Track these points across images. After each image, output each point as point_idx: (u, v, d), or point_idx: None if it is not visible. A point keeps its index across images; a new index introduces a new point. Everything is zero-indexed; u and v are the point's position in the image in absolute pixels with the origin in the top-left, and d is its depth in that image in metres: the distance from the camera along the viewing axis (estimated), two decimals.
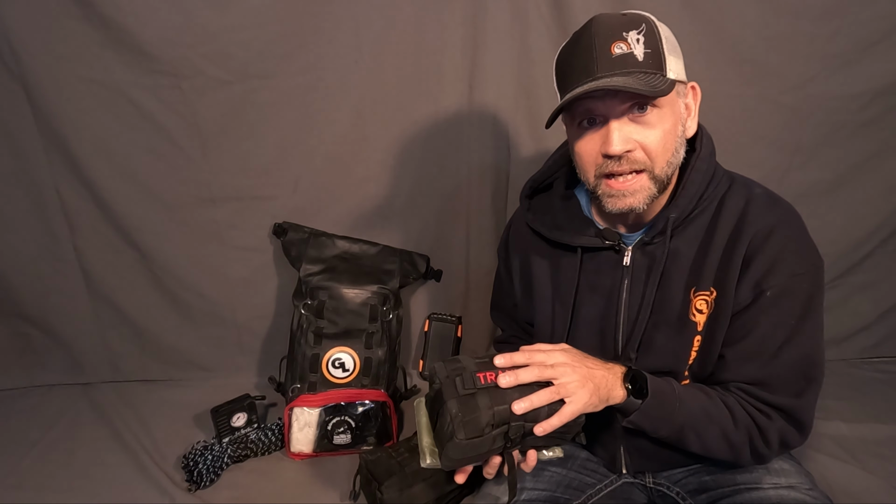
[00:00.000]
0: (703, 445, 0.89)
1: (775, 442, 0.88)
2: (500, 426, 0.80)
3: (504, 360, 0.81)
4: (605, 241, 0.94)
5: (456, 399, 0.80)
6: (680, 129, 0.86)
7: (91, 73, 1.37)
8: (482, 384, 0.81)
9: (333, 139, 1.48)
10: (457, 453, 0.81)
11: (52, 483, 1.30)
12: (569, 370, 0.80)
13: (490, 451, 0.82)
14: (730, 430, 0.87)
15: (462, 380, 0.81)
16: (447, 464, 0.83)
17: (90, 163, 1.45)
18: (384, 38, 1.39)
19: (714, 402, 0.88)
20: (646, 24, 0.81)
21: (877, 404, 1.49)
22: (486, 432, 0.79)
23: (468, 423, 0.79)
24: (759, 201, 0.89)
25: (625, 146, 0.81)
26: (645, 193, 0.85)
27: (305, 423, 1.35)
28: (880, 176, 1.53)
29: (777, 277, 0.85)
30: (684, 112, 0.87)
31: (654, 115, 0.82)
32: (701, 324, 0.89)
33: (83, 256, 1.55)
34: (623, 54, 0.79)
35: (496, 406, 0.80)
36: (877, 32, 1.38)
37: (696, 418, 0.87)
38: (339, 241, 1.53)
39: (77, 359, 1.66)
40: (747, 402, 0.88)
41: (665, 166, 0.84)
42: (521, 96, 1.45)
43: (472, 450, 0.80)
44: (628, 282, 0.94)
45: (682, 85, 0.85)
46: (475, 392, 0.80)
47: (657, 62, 0.80)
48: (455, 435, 0.79)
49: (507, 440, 0.82)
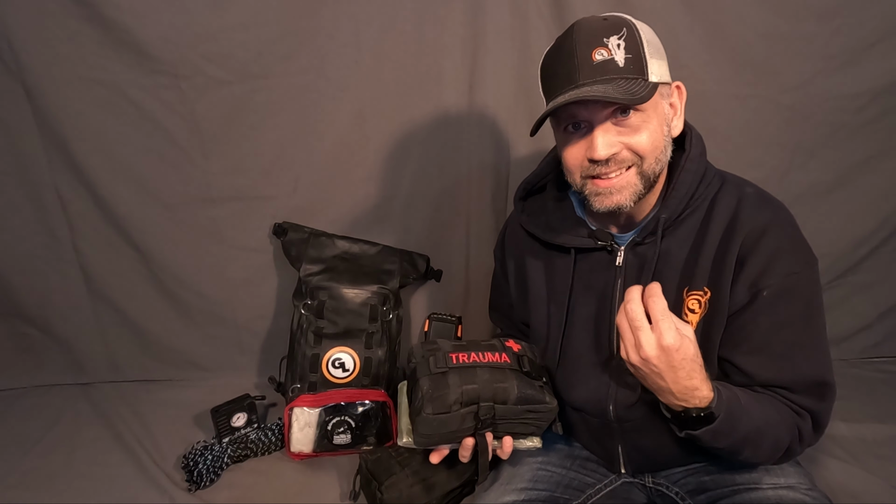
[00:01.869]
0: (754, 454, 0.86)
1: (806, 441, 0.88)
2: (469, 405, 0.83)
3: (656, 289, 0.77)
4: (598, 241, 0.94)
5: (428, 377, 0.84)
6: (665, 130, 0.86)
7: (91, 73, 1.37)
8: (454, 363, 0.84)
9: (333, 139, 1.48)
10: (426, 428, 0.84)
11: (52, 483, 1.30)
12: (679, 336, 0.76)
13: (461, 430, 0.85)
14: (782, 436, 0.86)
15: (435, 359, 0.85)
16: (419, 440, 0.86)
17: (90, 163, 1.45)
18: (384, 38, 1.39)
19: (772, 408, 0.85)
20: (626, 29, 0.81)
21: (877, 404, 1.49)
22: (455, 409, 0.82)
23: (436, 399, 0.82)
24: (751, 200, 0.89)
25: (609, 151, 0.82)
26: (631, 190, 0.85)
27: (305, 423, 1.35)
28: (880, 176, 1.53)
29: (773, 277, 0.84)
30: (669, 112, 0.87)
31: (638, 119, 0.82)
32: (693, 323, 0.89)
33: (83, 256, 1.55)
34: (604, 61, 0.80)
35: (465, 385, 0.83)
36: (877, 32, 1.38)
37: (759, 430, 0.84)
38: (339, 241, 1.53)
39: (77, 359, 1.66)
40: (784, 401, 0.87)
41: (654, 163, 0.85)
42: (521, 96, 1.45)
43: (441, 426, 0.83)
44: (621, 282, 0.94)
45: (666, 86, 0.86)
46: (447, 371, 0.84)
47: (638, 67, 0.81)
48: (423, 409, 0.82)
49: (477, 420, 0.84)
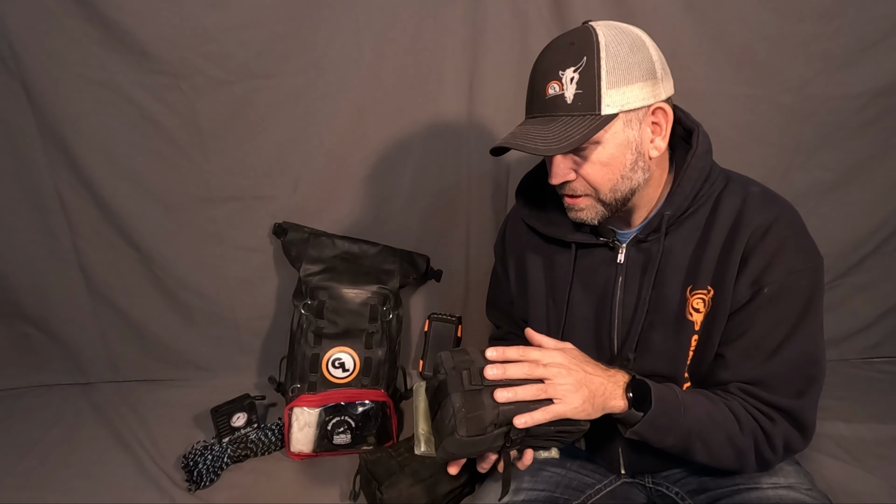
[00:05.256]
0: (709, 453, 0.87)
1: (780, 446, 0.87)
2: (503, 426, 0.78)
3: (496, 354, 0.78)
4: (599, 237, 0.94)
5: (461, 393, 0.77)
6: (630, 156, 0.84)
7: (91, 73, 1.37)
8: (489, 381, 0.78)
9: (333, 139, 1.48)
10: (456, 449, 0.79)
11: (52, 483, 1.30)
12: (563, 372, 0.78)
13: (489, 448, 0.80)
14: (736, 435, 0.85)
15: (469, 374, 0.78)
16: (443, 456, 0.81)
17: (90, 163, 1.45)
18: (384, 38, 1.39)
19: (718, 407, 0.86)
20: (586, 58, 0.79)
21: (877, 404, 1.49)
22: (489, 431, 0.77)
23: (471, 420, 0.76)
24: (756, 199, 0.88)
25: (563, 179, 0.85)
26: (593, 211, 0.88)
27: (305, 423, 1.35)
28: (880, 176, 1.53)
29: (775, 274, 0.84)
30: (641, 136, 0.83)
31: (592, 150, 0.83)
32: (698, 323, 0.89)
33: (83, 256, 1.55)
34: (554, 96, 0.81)
35: (503, 407, 0.77)
36: (877, 32, 1.38)
37: (702, 425, 0.85)
38: (339, 241, 1.53)
39: (77, 359, 1.66)
40: (750, 404, 0.86)
41: (609, 192, 0.86)
42: (521, 96, 1.43)
43: (471, 447, 0.78)
44: (622, 279, 0.94)
45: (635, 112, 0.82)
46: (481, 389, 0.78)
47: (588, 102, 0.79)
48: (457, 430, 0.76)
49: (507, 440, 0.79)
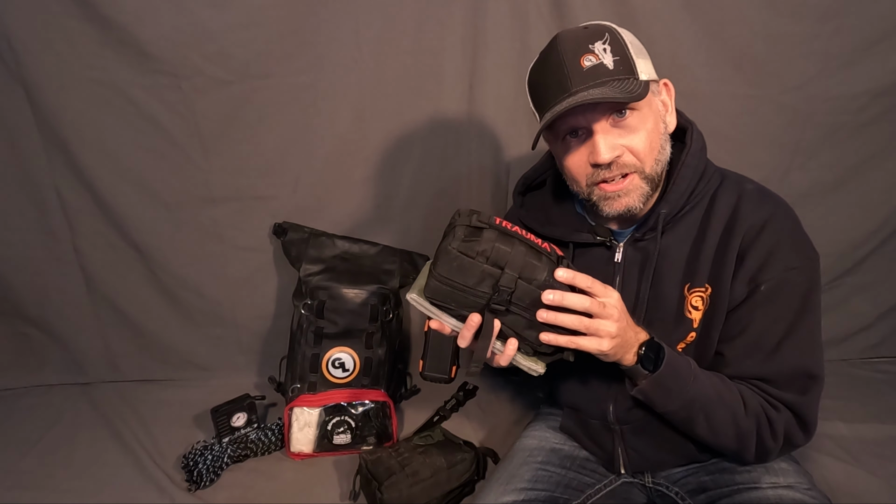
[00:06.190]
0: (710, 428, 0.87)
1: (781, 435, 0.88)
2: (495, 266, 0.77)
3: (567, 275, 0.78)
4: (597, 237, 0.94)
5: (465, 227, 0.79)
6: (662, 126, 0.87)
7: (91, 73, 1.37)
8: (496, 224, 0.79)
9: (333, 139, 1.48)
10: (444, 268, 0.77)
11: (52, 483, 1.30)
12: (614, 317, 0.79)
13: (474, 293, 0.79)
14: (740, 415, 0.86)
15: (479, 216, 0.79)
16: (431, 285, 0.80)
17: (90, 163, 1.45)
18: (384, 38, 1.39)
19: (727, 386, 0.87)
20: (609, 34, 0.83)
21: (877, 404, 1.49)
22: (479, 260, 0.77)
23: (466, 242, 0.77)
24: (752, 196, 0.89)
25: (612, 153, 0.83)
26: (639, 192, 0.86)
27: (305, 422, 1.35)
28: (880, 176, 1.53)
29: (771, 271, 0.85)
30: (662, 109, 0.88)
31: (635, 118, 0.83)
32: (696, 320, 0.90)
33: (83, 256, 1.55)
34: (594, 66, 0.81)
35: (499, 244, 0.77)
36: (877, 32, 1.38)
37: (708, 399, 0.86)
38: (339, 241, 1.53)
39: (77, 359, 1.66)
40: (758, 392, 0.88)
41: (654, 164, 0.86)
42: (521, 96, 1.42)
43: (458, 273, 0.77)
44: (620, 278, 0.94)
45: (655, 83, 0.87)
46: (487, 226, 0.78)
47: (628, 67, 0.82)
48: (449, 243, 0.77)
49: (494, 290, 0.78)
